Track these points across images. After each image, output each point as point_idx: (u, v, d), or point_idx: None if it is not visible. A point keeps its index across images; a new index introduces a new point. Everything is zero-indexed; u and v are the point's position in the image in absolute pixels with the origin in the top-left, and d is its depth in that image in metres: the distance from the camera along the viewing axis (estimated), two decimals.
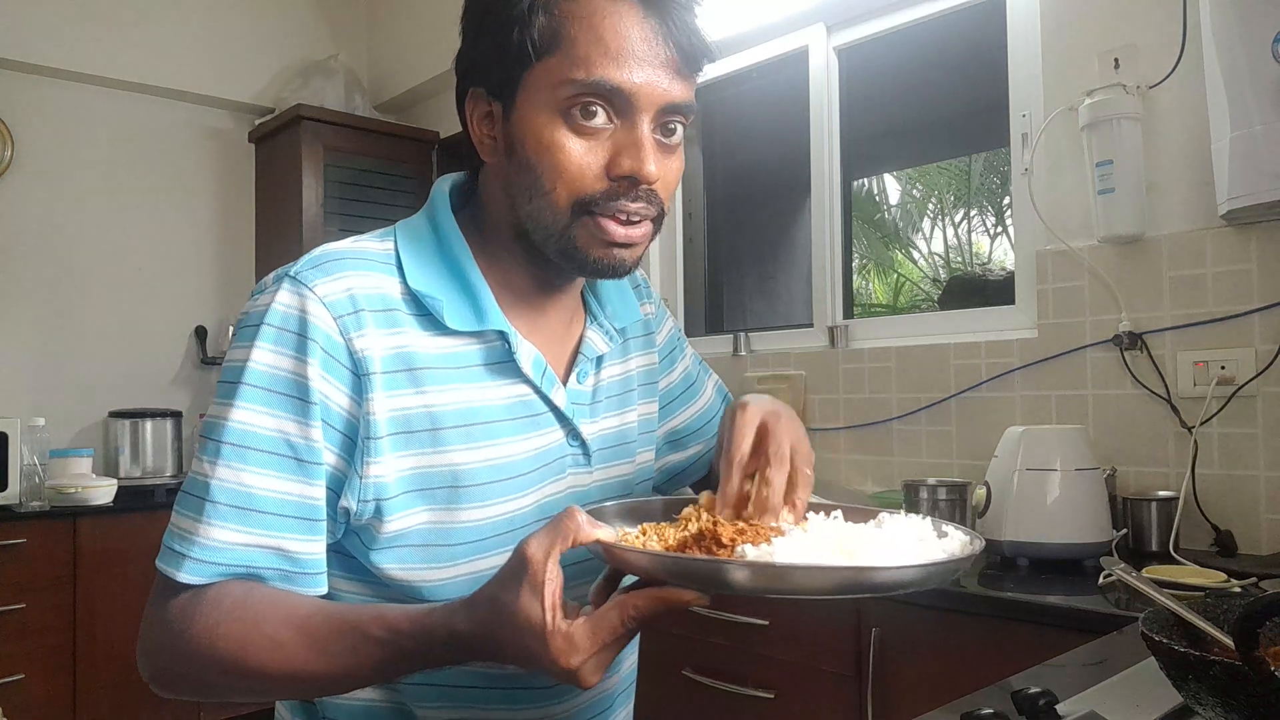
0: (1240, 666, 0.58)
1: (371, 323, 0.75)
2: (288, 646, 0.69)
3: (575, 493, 0.86)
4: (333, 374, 0.74)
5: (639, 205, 0.76)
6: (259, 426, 0.72)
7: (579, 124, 0.74)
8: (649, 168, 0.74)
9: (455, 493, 0.78)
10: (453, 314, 0.78)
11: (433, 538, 0.78)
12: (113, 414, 3.36)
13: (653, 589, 0.62)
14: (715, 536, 0.65)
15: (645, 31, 0.74)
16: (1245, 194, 1.66)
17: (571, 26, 0.73)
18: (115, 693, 2.88)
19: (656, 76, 0.74)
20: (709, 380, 1.10)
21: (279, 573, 0.73)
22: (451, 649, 0.67)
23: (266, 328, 0.74)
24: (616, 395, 0.92)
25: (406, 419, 0.76)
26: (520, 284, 0.84)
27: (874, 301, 3.47)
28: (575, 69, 0.73)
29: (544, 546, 0.63)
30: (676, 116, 0.77)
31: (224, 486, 0.72)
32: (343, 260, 0.78)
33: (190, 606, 0.72)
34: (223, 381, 0.75)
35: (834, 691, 1.72)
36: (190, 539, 0.72)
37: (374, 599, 0.80)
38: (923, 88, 2.58)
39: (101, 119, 3.48)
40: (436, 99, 3.86)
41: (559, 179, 0.75)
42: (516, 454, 0.81)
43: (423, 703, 0.82)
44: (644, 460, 0.96)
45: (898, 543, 0.66)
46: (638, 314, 0.96)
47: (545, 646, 0.62)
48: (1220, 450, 1.81)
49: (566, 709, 0.87)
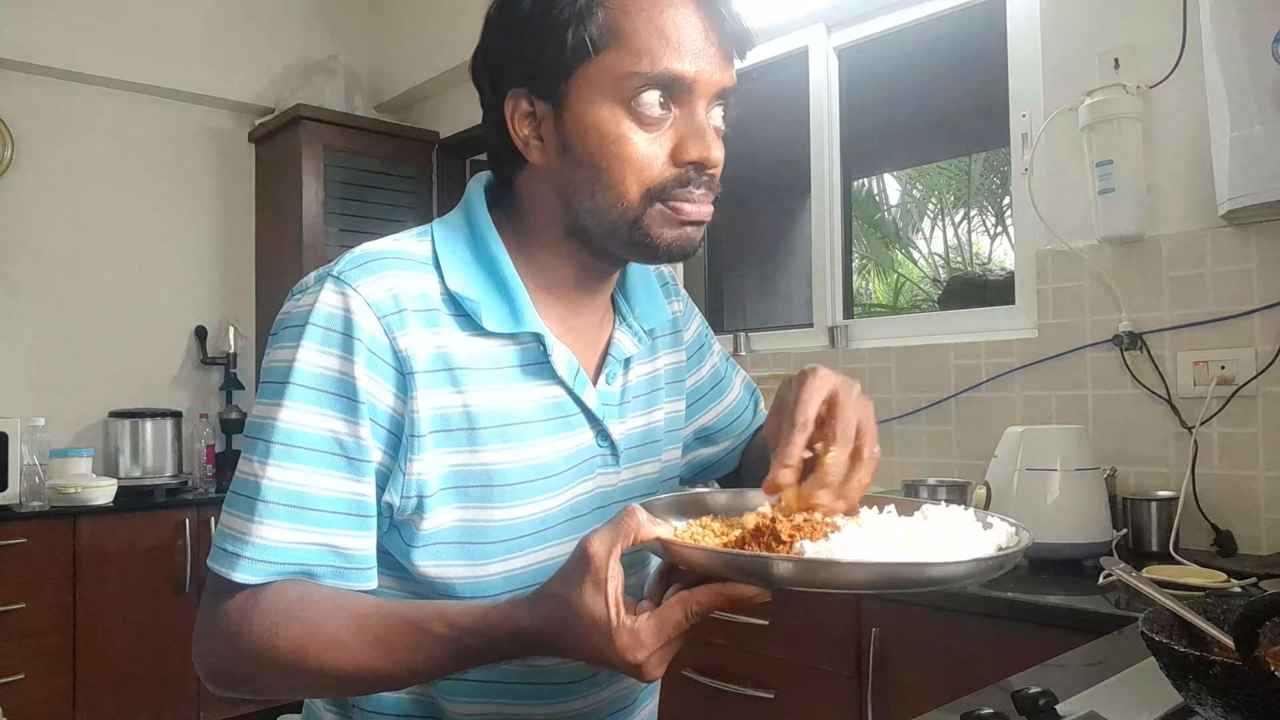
0: (1240, 666, 0.58)
1: (414, 322, 0.76)
2: (349, 646, 0.70)
3: (603, 492, 0.87)
4: (378, 373, 0.75)
5: (702, 191, 0.79)
6: (308, 426, 0.73)
7: (641, 115, 0.76)
8: (715, 153, 0.77)
9: (489, 491, 0.79)
10: (490, 316, 0.79)
11: (467, 535, 0.79)
12: (113, 414, 3.36)
13: (715, 585, 0.63)
14: (774, 533, 0.65)
15: (700, 20, 0.76)
16: (1245, 194, 1.66)
17: (629, 20, 0.75)
18: (115, 693, 2.88)
19: (713, 64, 0.77)
20: (737, 377, 1.10)
21: (332, 569, 0.74)
22: (515, 645, 0.68)
23: (312, 328, 0.74)
24: (644, 395, 0.92)
25: (446, 418, 0.77)
26: (557, 284, 0.85)
27: (874, 301, 3.47)
28: (638, 61, 0.74)
29: (606, 544, 0.64)
30: (728, 100, 0.80)
31: (275, 486, 0.72)
32: (384, 260, 0.78)
33: (247, 607, 0.72)
34: (268, 382, 0.76)
35: (834, 691, 1.72)
36: (244, 539, 0.72)
37: (407, 595, 0.81)
38: (923, 88, 2.58)
39: (101, 119, 3.48)
40: (436, 99, 3.86)
41: (627, 170, 0.76)
42: (549, 454, 0.82)
43: (452, 697, 0.82)
44: (670, 458, 0.97)
45: (951, 536, 0.66)
46: (666, 314, 0.96)
47: (611, 643, 0.63)
48: (1220, 450, 1.81)
49: (593, 703, 0.88)
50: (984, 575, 0.61)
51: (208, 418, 3.59)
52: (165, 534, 3.03)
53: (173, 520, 3.05)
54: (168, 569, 3.02)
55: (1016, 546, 0.65)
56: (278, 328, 0.78)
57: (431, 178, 3.88)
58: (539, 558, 0.82)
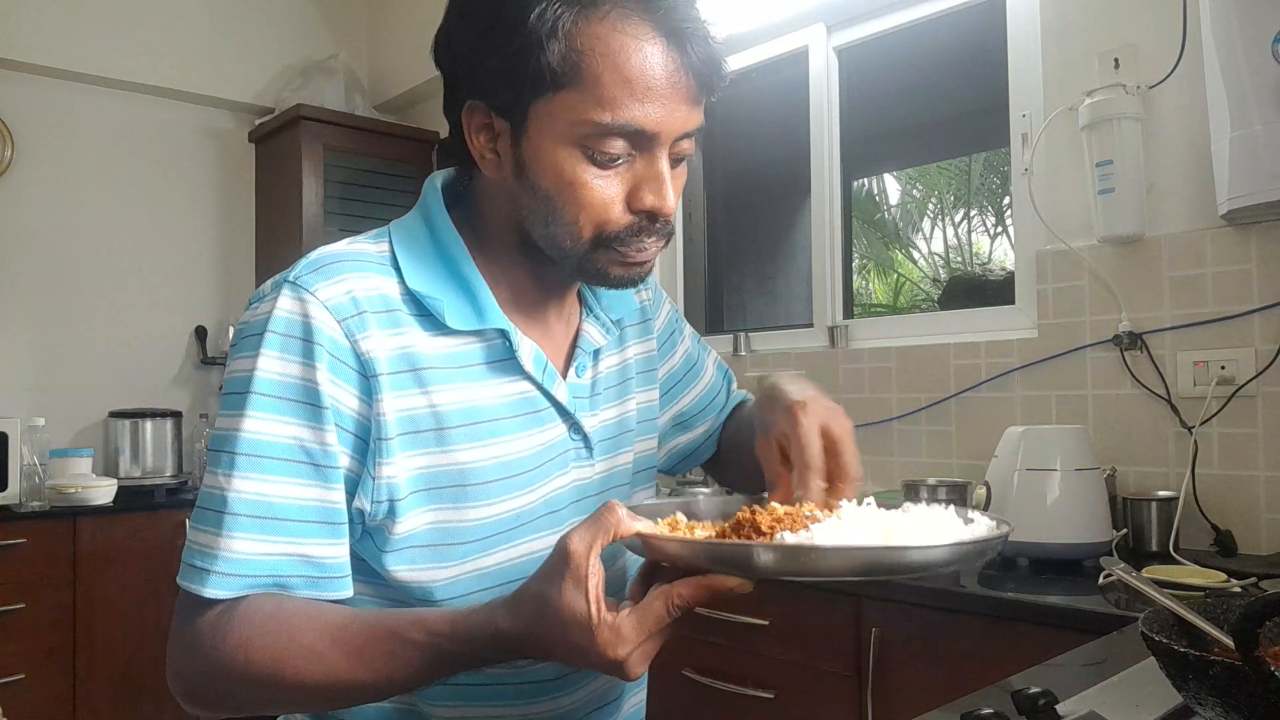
0: (1240, 666, 0.58)
1: (375, 324, 0.75)
2: (326, 657, 0.69)
3: (578, 485, 0.86)
4: (341, 377, 0.74)
5: (655, 238, 0.78)
6: (272, 435, 0.72)
7: (599, 159, 0.74)
8: (669, 204, 0.76)
9: (462, 491, 0.78)
10: (453, 313, 0.78)
11: (440, 537, 0.78)
12: (113, 414, 3.36)
13: (696, 577, 0.63)
14: (754, 524, 0.65)
15: (668, 66, 0.73)
16: (1245, 194, 1.66)
17: (594, 62, 0.72)
18: (115, 693, 2.88)
19: (678, 110, 0.75)
20: (709, 358, 1.10)
21: (305, 580, 0.73)
22: (495, 648, 0.67)
23: (271, 335, 0.73)
24: (615, 386, 0.92)
25: (413, 419, 0.76)
26: (519, 282, 0.85)
27: (874, 301, 3.47)
28: (599, 109, 0.72)
29: (586, 541, 0.63)
30: (688, 141, 0.78)
31: (242, 498, 0.71)
32: (341, 263, 0.78)
33: (220, 623, 0.71)
34: (229, 393, 0.74)
35: (834, 691, 1.72)
36: (212, 553, 0.71)
37: (383, 601, 0.80)
38: (923, 88, 2.58)
39: (101, 119, 3.48)
40: (436, 99, 3.81)
41: (581, 212, 0.75)
42: (521, 451, 0.81)
43: (434, 702, 0.82)
44: (644, 449, 0.96)
45: (930, 526, 0.67)
46: (633, 304, 0.96)
47: (592, 639, 0.62)
48: (1220, 450, 1.81)
49: (576, 701, 0.87)
50: (965, 561, 0.62)
51: (208, 418, 3.59)
52: (165, 534, 3.03)
53: (173, 520, 3.05)
54: (168, 569, 2.97)
55: (997, 534, 0.66)
56: (236, 338, 0.77)
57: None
58: (516, 553, 0.82)
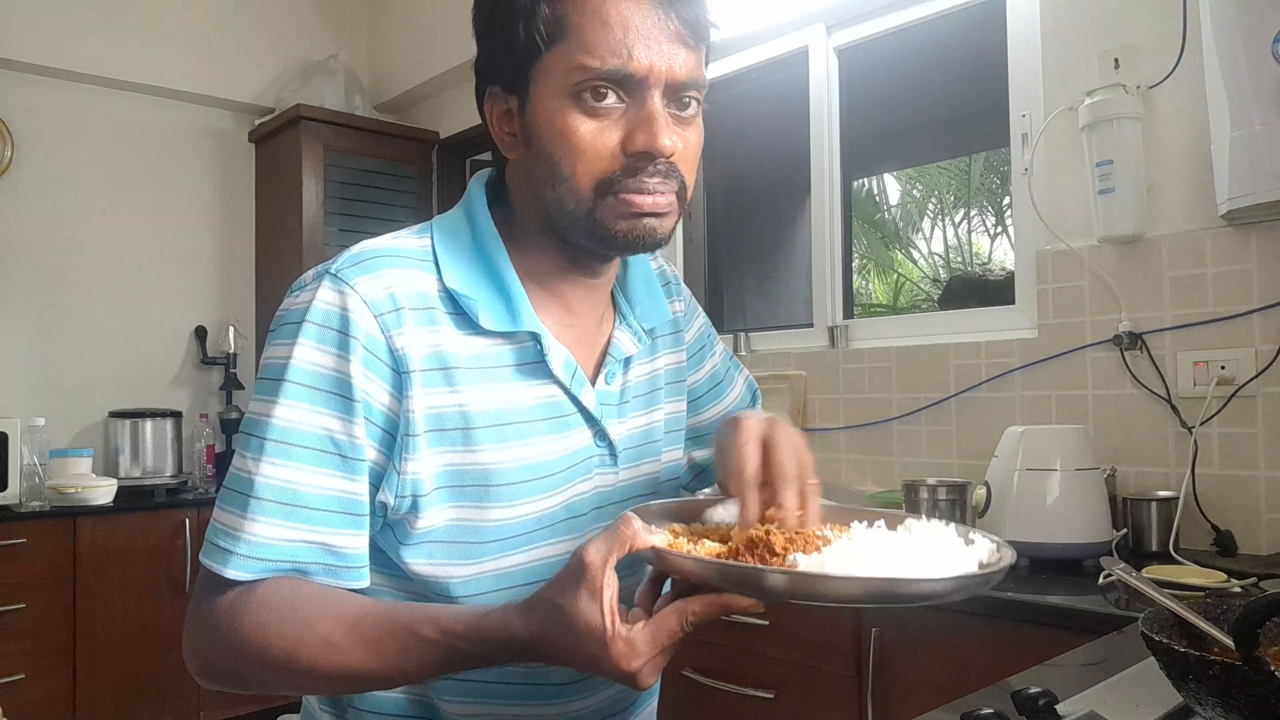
0: (1240, 666, 0.58)
1: (411, 321, 0.76)
2: (341, 647, 0.70)
3: (600, 492, 0.86)
4: (374, 371, 0.75)
5: (657, 180, 0.76)
6: (303, 423, 0.73)
7: (590, 106, 0.75)
8: (662, 141, 0.75)
9: (486, 491, 0.79)
10: (487, 314, 0.79)
11: (462, 535, 0.79)
12: (113, 414, 3.36)
13: (710, 595, 0.63)
14: (768, 544, 0.66)
15: (647, 8, 0.74)
16: (1245, 194, 1.66)
17: (576, 13, 0.74)
18: (115, 693, 2.89)
19: (663, 52, 0.75)
20: (739, 376, 1.10)
21: (324, 567, 0.74)
22: (508, 651, 0.68)
23: (309, 325, 0.74)
24: (643, 395, 0.92)
25: (441, 417, 0.77)
26: (552, 281, 0.84)
27: (874, 301, 3.47)
28: (583, 55, 0.74)
29: (601, 553, 0.64)
30: (689, 91, 0.78)
31: (269, 483, 0.72)
32: (382, 258, 0.78)
33: (239, 604, 0.72)
34: (264, 379, 0.75)
35: (834, 691, 1.72)
36: (236, 535, 0.72)
37: (400, 593, 0.81)
38: (923, 88, 2.58)
39: (101, 119, 3.48)
40: (436, 99, 3.86)
41: (577, 162, 0.75)
42: (546, 454, 0.81)
43: (449, 698, 0.82)
44: (670, 459, 0.96)
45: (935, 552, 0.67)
46: (667, 314, 0.96)
47: (606, 651, 0.63)
48: (1220, 450, 1.81)
49: (590, 704, 0.88)
50: (971, 591, 0.63)
51: (208, 418, 3.59)
52: (165, 534, 3.03)
53: (173, 520, 3.05)
54: (168, 569, 3.02)
55: (1000, 564, 0.66)
56: (276, 324, 0.78)
57: (431, 178, 3.88)
58: (535, 556, 0.82)
